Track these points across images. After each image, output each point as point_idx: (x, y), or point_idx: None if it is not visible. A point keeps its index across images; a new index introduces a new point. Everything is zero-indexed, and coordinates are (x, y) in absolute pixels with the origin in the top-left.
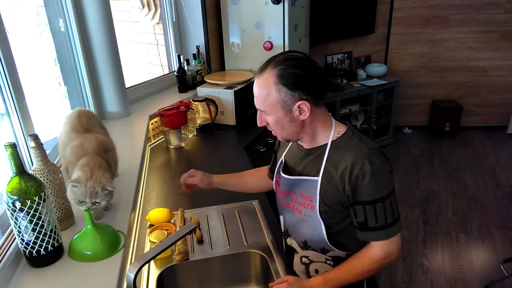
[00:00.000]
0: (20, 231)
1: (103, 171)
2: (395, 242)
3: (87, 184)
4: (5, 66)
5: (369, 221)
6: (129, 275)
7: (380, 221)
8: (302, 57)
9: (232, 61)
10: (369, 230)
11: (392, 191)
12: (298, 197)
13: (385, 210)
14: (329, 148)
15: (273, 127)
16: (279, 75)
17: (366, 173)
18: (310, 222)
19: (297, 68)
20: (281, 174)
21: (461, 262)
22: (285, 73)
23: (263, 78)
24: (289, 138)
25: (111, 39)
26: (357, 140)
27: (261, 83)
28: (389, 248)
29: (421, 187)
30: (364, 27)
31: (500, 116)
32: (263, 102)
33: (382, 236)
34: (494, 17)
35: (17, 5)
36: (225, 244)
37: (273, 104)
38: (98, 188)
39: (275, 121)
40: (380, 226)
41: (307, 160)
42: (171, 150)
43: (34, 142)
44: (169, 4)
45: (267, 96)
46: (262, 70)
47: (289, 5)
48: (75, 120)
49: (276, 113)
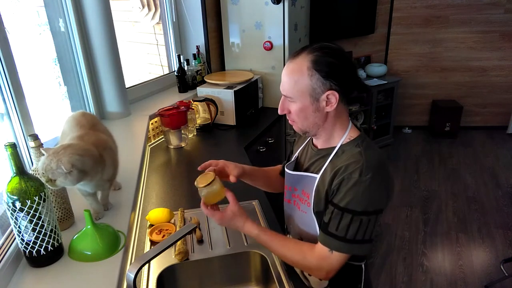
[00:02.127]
0: (20, 231)
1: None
2: (335, 260)
3: (49, 156)
4: (5, 66)
5: (331, 224)
6: (129, 275)
7: (340, 231)
8: (338, 48)
9: (232, 61)
10: (325, 232)
11: (370, 212)
12: (299, 193)
13: (350, 224)
14: (336, 150)
15: (295, 115)
16: (314, 61)
17: (351, 180)
18: (305, 218)
19: (333, 57)
20: (286, 170)
21: (461, 262)
22: (321, 59)
23: (296, 62)
24: (308, 130)
25: (111, 39)
26: (362, 149)
27: (293, 67)
28: (324, 261)
29: (421, 187)
30: (364, 27)
31: (500, 116)
32: (292, 87)
33: (330, 245)
34: (494, 17)
35: (17, 5)
36: (225, 244)
37: (302, 90)
38: (53, 164)
39: (299, 108)
40: (335, 235)
41: (314, 159)
42: (171, 150)
43: (34, 142)
44: (169, 4)
45: (298, 81)
46: (296, 55)
47: (289, 5)
48: (80, 117)
49: (303, 100)
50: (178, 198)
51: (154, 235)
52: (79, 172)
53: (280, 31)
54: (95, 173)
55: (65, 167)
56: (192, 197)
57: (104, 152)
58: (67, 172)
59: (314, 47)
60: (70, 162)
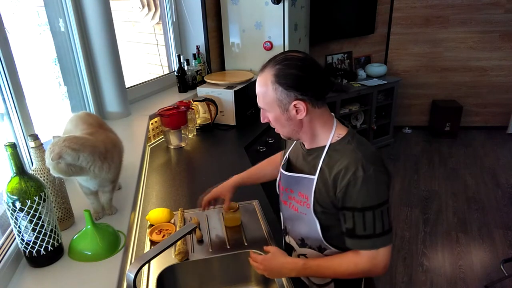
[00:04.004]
0: (20, 231)
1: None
2: (383, 255)
3: (52, 144)
4: (5, 66)
5: (357, 228)
6: (129, 275)
7: (368, 229)
8: (301, 58)
9: (232, 61)
10: (356, 237)
11: (384, 202)
12: (295, 195)
13: (375, 220)
14: (326, 150)
15: (274, 123)
16: (275, 75)
17: (358, 179)
18: (306, 220)
19: (294, 68)
20: (281, 171)
21: (461, 262)
22: (281, 73)
23: (262, 76)
24: (289, 136)
25: (111, 39)
26: (355, 145)
27: (260, 81)
28: (376, 260)
29: (421, 187)
30: (364, 27)
31: (500, 116)
32: (262, 100)
33: (369, 245)
34: (494, 17)
35: (17, 5)
36: (225, 244)
37: (270, 102)
38: (48, 152)
39: (274, 118)
40: (367, 235)
41: (307, 160)
42: (171, 150)
43: (34, 142)
44: (169, 4)
45: (265, 94)
46: (262, 69)
47: (289, 5)
48: (87, 116)
49: (274, 111)
50: (178, 198)
51: (154, 235)
52: (68, 165)
53: (280, 31)
54: (99, 171)
55: (53, 156)
56: (192, 197)
57: (113, 150)
58: (54, 162)
59: (277, 59)
60: (59, 154)
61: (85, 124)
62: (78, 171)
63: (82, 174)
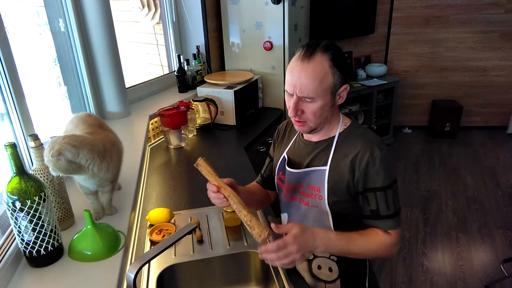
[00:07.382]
0: (20, 231)
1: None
2: (398, 234)
3: (51, 142)
4: (5, 66)
5: (381, 208)
6: (129, 275)
7: (391, 208)
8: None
9: (232, 61)
10: (382, 218)
11: (396, 180)
12: (305, 189)
13: (394, 197)
14: (336, 139)
15: (311, 115)
16: (333, 59)
17: (376, 158)
18: (317, 213)
19: (342, 53)
20: (287, 169)
21: (461, 262)
22: (337, 56)
23: (316, 62)
24: (318, 126)
25: (111, 39)
26: (363, 130)
27: (315, 68)
28: (399, 237)
29: (421, 187)
30: (364, 27)
31: (500, 116)
32: (316, 87)
33: (394, 224)
34: (494, 17)
35: (17, 5)
36: (225, 244)
37: (326, 88)
38: (47, 150)
39: (320, 107)
40: (391, 214)
41: (314, 153)
42: (171, 150)
43: (34, 142)
44: (169, 4)
45: (323, 80)
46: (311, 56)
47: (289, 5)
48: (87, 117)
49: (325, 98)
50: (178, 198)
51: (154, 235)
52: (68, 162)
53: (280, 31)
54: (98, 170)
55: (52, 153)
56: (192, 197)
57: (112, 149)
58: (54, 159)
59: (323, 45)
60: (59, 151)
61: (85, 124)
62: (77, 169)
63: (81, 172)
